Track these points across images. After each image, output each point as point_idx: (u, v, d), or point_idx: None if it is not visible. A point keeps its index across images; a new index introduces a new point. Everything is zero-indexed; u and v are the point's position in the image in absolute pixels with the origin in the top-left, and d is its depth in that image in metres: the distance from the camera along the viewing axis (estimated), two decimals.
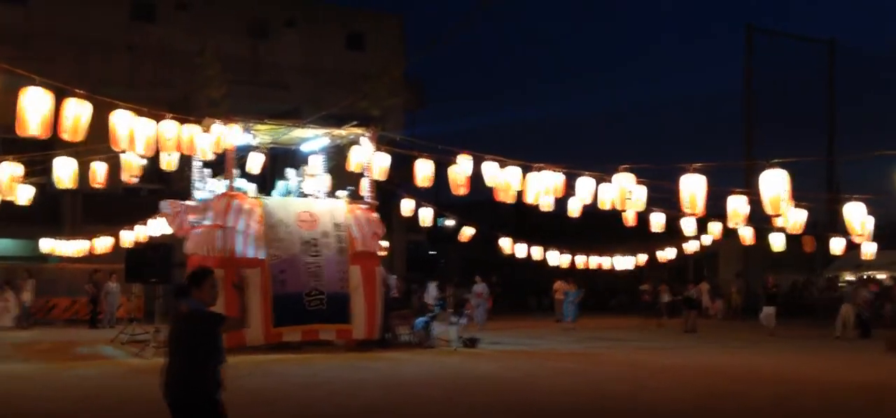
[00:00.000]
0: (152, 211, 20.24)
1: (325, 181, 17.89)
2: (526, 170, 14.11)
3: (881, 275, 32.13)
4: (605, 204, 13.49)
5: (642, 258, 24.65)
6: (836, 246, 18.84)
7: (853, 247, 17.68)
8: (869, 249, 16.30)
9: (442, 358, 15.61)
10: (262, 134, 17.35)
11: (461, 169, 15.00)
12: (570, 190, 14.41)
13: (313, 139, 18.19)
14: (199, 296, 5.30)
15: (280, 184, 17.75)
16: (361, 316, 16.37)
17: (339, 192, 17.52)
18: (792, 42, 39.11)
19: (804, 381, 12.97)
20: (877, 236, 13.38)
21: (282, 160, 18.74)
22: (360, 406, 10.18)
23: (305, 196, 17.25)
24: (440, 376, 13.12)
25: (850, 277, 31.02)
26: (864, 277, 30.79)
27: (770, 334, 21.03)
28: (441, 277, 25.63)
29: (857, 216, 11.53)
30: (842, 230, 12.95)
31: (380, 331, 16.84)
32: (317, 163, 18.07)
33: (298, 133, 17.97)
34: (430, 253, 41.27)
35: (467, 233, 22.06)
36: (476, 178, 15.21)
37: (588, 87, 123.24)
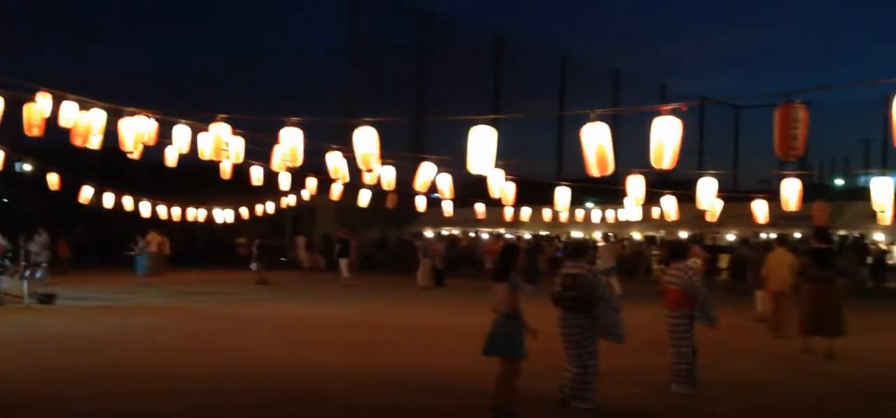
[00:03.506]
0: None
1: None
2: (116, 114, 13.17)
3: (456, 231, 35.98)
4: (204, 153, 13.14)
5: (242, 211, 24.59)
6: (420, 203, 20.59)
7: (436, 205, 19.41)
8: (448, 207, 17.94)
9: (12, 316, 14.15)
10: None
11: (39, 108, 13.54)
12: (165, 138, 13.80)
13: None
14: None
15: None
16: None
17: None
18: (395, 11, 41.54)
19: (381, 326, 14.02)
20: (456, 195, 14.59)
21: None
22: None
23: None
24: (8, 337, 11.85)
25: (429, 233, 34.16)
26: (442, 233, 34.19)
27: (347, 285, 22.10)
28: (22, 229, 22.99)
29: (430, 174, 12.86)
30: (423, 189, 14.11)
31: None
32: None
33: None
34: (3, 200, 36.85)
35: (53, 179, 20.05)
36: (57, 121, 13.87)
37: (188, 35, 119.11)
